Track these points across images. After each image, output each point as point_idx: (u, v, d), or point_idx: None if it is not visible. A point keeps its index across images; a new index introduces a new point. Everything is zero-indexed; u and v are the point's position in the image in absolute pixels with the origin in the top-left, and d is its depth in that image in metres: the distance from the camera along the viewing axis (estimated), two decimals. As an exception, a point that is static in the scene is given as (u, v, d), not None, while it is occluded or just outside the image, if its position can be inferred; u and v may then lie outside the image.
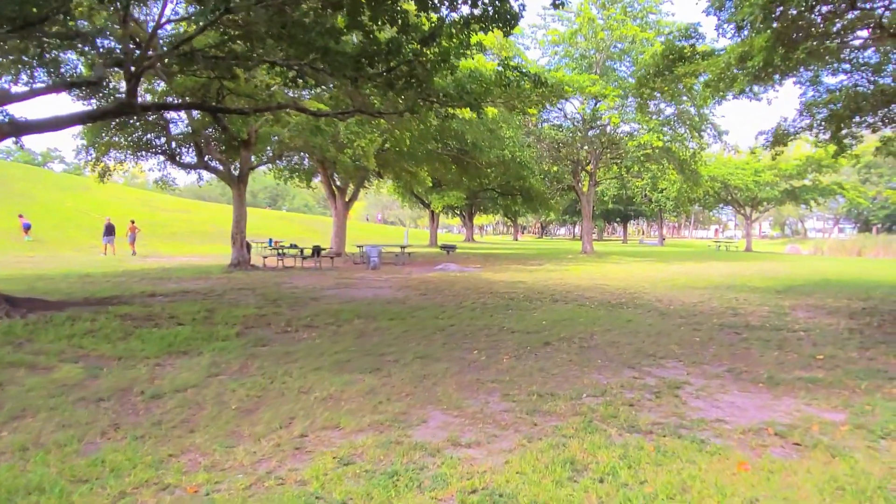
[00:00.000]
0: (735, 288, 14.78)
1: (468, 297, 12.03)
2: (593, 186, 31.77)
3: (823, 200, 43.75)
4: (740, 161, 41.65)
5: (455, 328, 8.26)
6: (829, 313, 10.38)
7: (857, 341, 7.68)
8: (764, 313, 10.32)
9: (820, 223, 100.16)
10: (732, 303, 11.78)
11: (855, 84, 11.92)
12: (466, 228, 58.82)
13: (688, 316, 9.93)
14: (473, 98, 11.17)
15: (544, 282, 15.77)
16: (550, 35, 28.75)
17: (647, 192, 46.65)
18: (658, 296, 12.95)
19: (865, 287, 15.09)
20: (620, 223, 79.32)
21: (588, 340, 7.50)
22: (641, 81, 13.54)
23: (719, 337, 7.97)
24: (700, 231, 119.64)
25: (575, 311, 10.21)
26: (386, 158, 27.51)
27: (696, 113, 27.83)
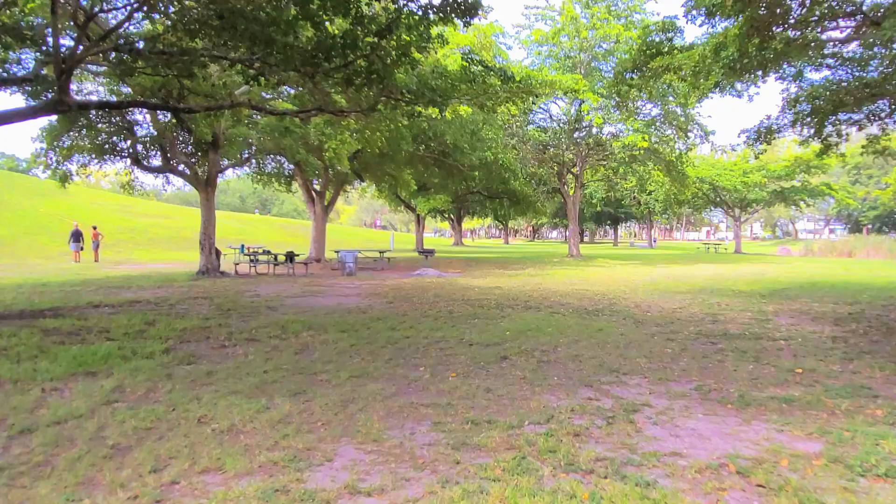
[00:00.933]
0: (718, 292, 14.23)
1: (436, 304, 11.42)
2: (579, 189, 31.24)
3: (813, 201, 43.38)
4: (728, 163, 41.27)
5: (409, 340, 7.64)
6: (814, 319, 9.83)
7: (841, 351, 7.11)
8: (745, 320, 9.76)
9: (811, 224, 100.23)
10: (713, 308, 11.22)
11: (839, 80, 11.42)
12: (455, 232, 58.20)
13: (664, 324, 9.35)
14: (438, 95, 10.58)
15: (522, 287, 15.18)
16: (534, 35, 28.22)
17: (636, 195, 46.19)
18: (637, 301, 12.38)
19: (853, 290, 14.57)
20: (611, 226, 78.85)
21: (550, 354, 6.89)
22: (619, 78, 13.00)
23: (693, 347, 7.39)
24: (692, 233, 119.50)
25: (545, 319, 9.61)
26: (366, 161, 26.99)
27: (682, 113, 27.37)
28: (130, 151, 17.85)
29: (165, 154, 17.28)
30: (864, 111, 12.94)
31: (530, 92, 11.82)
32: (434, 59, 11.84)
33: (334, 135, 15.59)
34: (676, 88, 15.85)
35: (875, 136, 13.64)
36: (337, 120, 14.29)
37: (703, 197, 41.85)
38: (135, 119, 17.74)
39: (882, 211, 63.67)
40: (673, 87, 14.84)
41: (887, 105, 12.78)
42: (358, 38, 9.12)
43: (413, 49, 9.63)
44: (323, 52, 9.50)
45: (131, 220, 38.17)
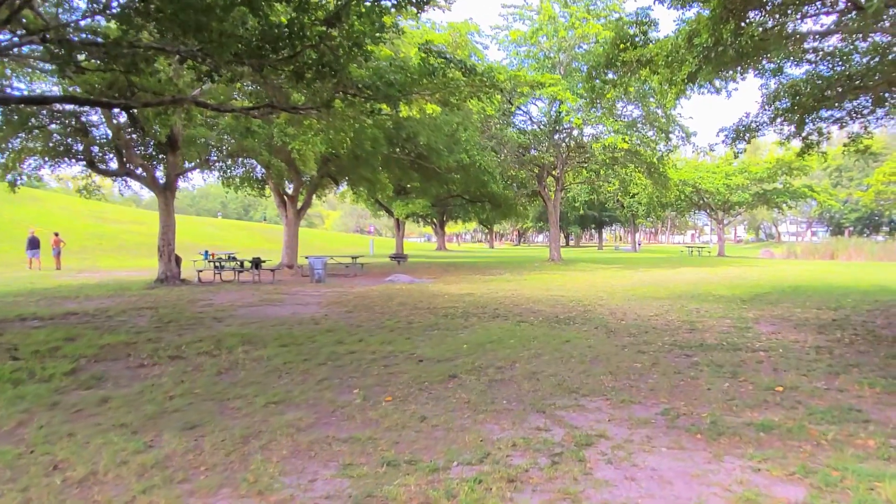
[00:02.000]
0: (698, 297, 13.63)
1: (397, 314, 10.69)
2: (560, 192, 30.65)
3: (795, 204, 43.16)
4: (711, 165, 40.98)
5: (353, 356, 6.90)
6: (796, 326, 9.21)
7: (826, 364, 6.47)
8: (724, 328, 9.12)
9: (794, 227, 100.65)
10: (692, 315, 10.58)
11: (821, 74, 10.87)
12: (438, 237, 57.48)
13: (637, 333, 8.69)
14: (397, 90, 9.86)
15: (495, 294, 14.49)
16: (512, 35, 27.64)
17: (619, 198, 45.74)
18: (613, 308, 11.73)
19: (836, 294, 14.03)
20: (596, 229, 78.53)
21: (505, 371, 6.18)
22: (592, 74, 12.37)
23: (666, 361, 6.71)
24: (677, 236, 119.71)
25: (510, 330, 8.92)
26: (341, 165, 26.24)
27: (664, 115, 26.89)
28: (85, 154, 16.94)
29: (121, 156, 16.40)
30: (847, 108, 12.44)
31: (494, 86, 11.13)
32: (395, 53, 11.11)
33: (298, 135, 14.81)
34: (653, 86, 15.25)
35: (857, 135, 13.12)
36: (299, 119, 13.52)
37: (686, 200, 41.48)
38: (90, 120, 16.87)
39: (863, 213, 63.87)
40: (651, 85, 14.21)
41: (870, 102, 12.28)
42: (305, 27, 8.40)
43: (367, 40, 8.92)
44: (269, 42, 8.79)
45: (102, 226, 37.04)
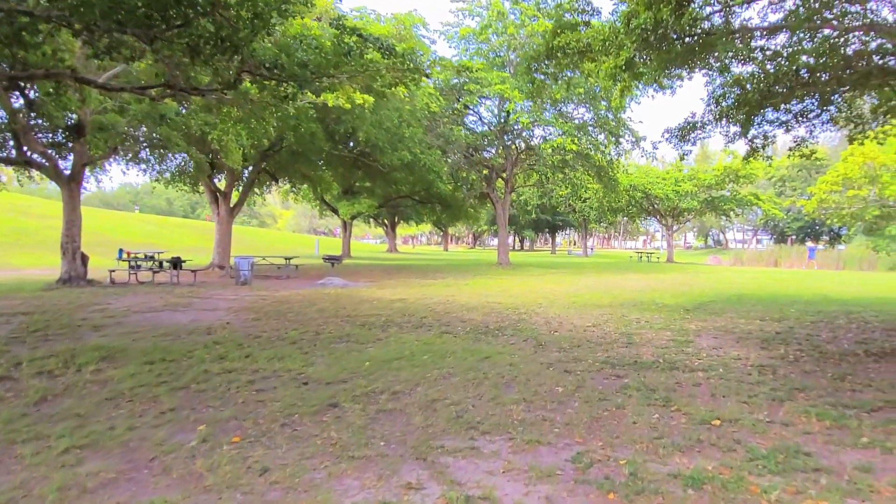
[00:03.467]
0: (641, 305, 12.94)
1: (309, 323, 9.58)
2: (509, 194, 29.93)
3: (741, 211, 43.68)
4: (661, 171, 41.09)
5: (227, 377, 5.78)
6: (739, 340, 8.51)
7: (769, 388, 5.69)
8: (663, 341, 8.35)
9: (741, 234, 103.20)
10: (632, 326, 9.82)
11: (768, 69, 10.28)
12: (389, 238, 56.25)
13: (569, 348, 7.83)
14: (311, 72, 8.77)
15: (428, 300, 13.51)
16: (461, 32, 26.79)
17: (571, 202, 45.51)
18: (550, 317, 10.90)
19: (780, 304, 13.56)
20: (550, 234, 78.55)
21: (401, 397, 5.19)
22: (530, 66, 11.55)
23: (592, 384, 5.84)
24: (630, 242, 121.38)
25: (428, 343, 7.94)
26: (279, 161, 24.92)
27: (614, 118, 26.47)
28: (-21, 139, 15.23)
29: (19, 143, 14.75)
30: (793, 109, 11.95)
31: (417, 70, 10.16)
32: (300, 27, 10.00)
33: (217, 124, 13.52)
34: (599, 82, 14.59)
35: (802, 139, 12.68)
36: (215, 106, 12.25)
37: (636, 205, 41.47)
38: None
39: (805, 222, 65.58)
40: (597, 81, 13.53)
41: (815, 105, 11.82)
42: (195, -9, 7.26)
43: (270, 12, 7.82)
44: (158, 9, 7.61)
45: (22, 220, 34.53)
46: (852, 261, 43.66)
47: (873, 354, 7.40)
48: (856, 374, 6.28)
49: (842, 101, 12.05)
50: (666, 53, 11.33)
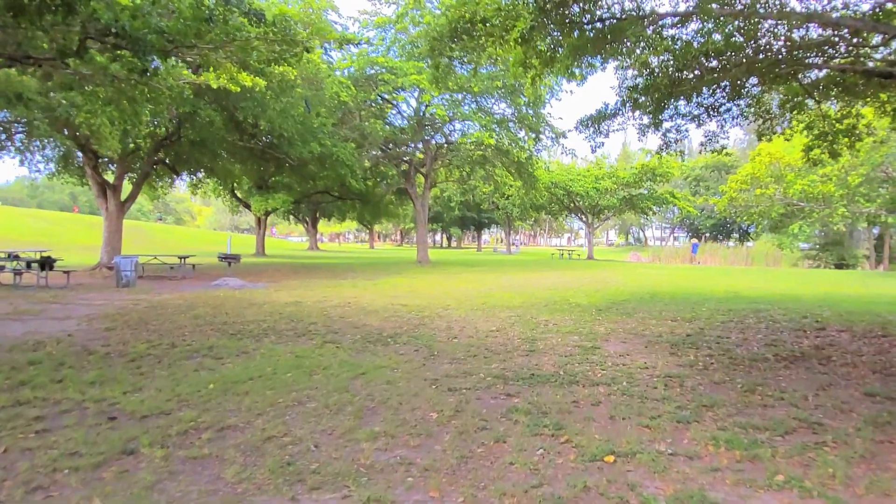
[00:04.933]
0: (553, 306, 12.29)
1: (172, 333, 8.27)
2: (428, 190, 29.01)
3: (659, 209, 44.67)
4: (582, 169, 41.34)
5: (13, 412, 4.50)
6: (648, 345, 7.89)
7: (675, 405, 4.97)
8: (568, 348, 7.60)
9: (659, 232, 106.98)
10: (538, 330, 9.06)
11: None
12: (310, 236, 54.21)
13: (463, 358, 6.94)
14: (168, 40, 7.47)
15: (327, 303, 12.38)
16: (378, 21, 25.57)
17: (494, 199, 45.18)
18: (453, 320, 10.03)
19: (692, 302, 13.28)
20: (476, 231, 78.39)
21: (227, 437, 4.10)
22: (433, 45, 10.61)
23: (477, 406, 4.94)
24: (554, 239, 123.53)
25: (302, 356, 6.85)
26: (179, 152, 22.97)
27: (533, 113, 26.02)
28: None
29: None
30: (705, 102, 11.59)
31: (295, 43, 9.02)
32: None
33: (84, 106, 11.82)
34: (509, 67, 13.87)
35: (714, 134, 12.41)
36: (77, 83, 10.61)
37: (558, 202, 41.55)
38: None
39: (717, 220, 68.36)
40: (507, 65, 12.79)
41: (725, 98, 11.51)
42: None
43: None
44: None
45: None
46: (759, 257, 45.65)
47: (783, 359, 6.91)
48: (766, 385, 5.69)
49: (751, 98, 11.87)
50: (576, 40, 10.69)
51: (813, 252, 45.54)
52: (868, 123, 12.27)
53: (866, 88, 10.65)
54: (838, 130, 11.51)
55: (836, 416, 4.73)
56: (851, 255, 43.86)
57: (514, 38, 7.20)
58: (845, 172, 28.34)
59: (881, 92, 10.77)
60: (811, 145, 12.03)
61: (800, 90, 11.09)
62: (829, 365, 6.61)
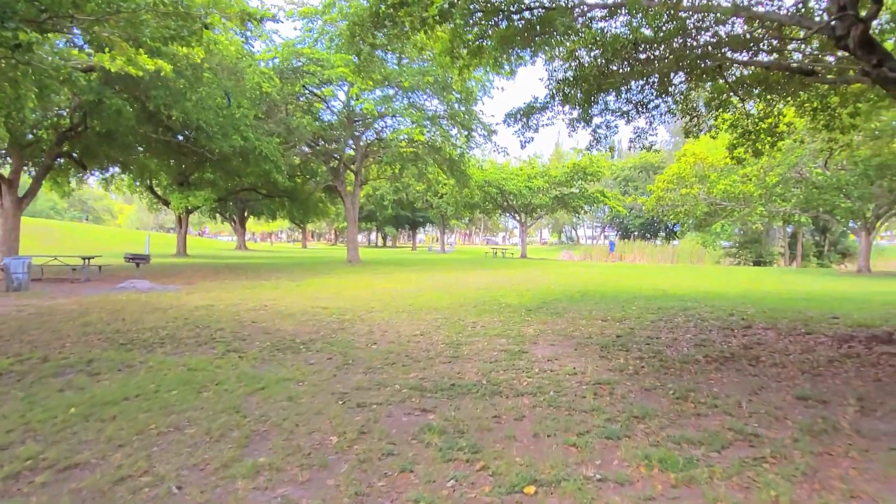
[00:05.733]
0: (482, 306, 11.85)
1: (50, 344, 7.27)
2: (359, 187, 28.16)
3: (590, 208, 45.36)
4: (515, 168, 41.42)
5: None
6: (578, 347, 7.52)
7: (604, 418, 4.54)
8: (494, 352, 7.12)
9: (591, 231, 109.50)
10: (465, 333, 8.56)
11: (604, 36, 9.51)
12: (237, 235, 52.07)
13: (380, 366, 6.33)
14: (40, 9, 6.48)
15: (242, 306, 11.49)
16: (305, 11, 24.51)
17: (428, 198, 44.66)
18: (375, 324, 9.40)
19: (622, 300, 13.15)
20: (411, 230, 77.69)
21: (68, 478, 3.34)
22: (354, 31, 9.94)
23: (386, 425, 4.35)
24: (490, 238, 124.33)
25: (195, 369, 6.06)
26: (86, 144, 21.25)
27: (465, 110, 25.64)
28: None
29: None
30: (633, 98, 11.43)
31: (191, 18, 8.14)
32: None
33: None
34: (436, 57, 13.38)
35: (642, 130, 12.29)
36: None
37: (491, 201, 41.48)
38: None
39: (645, 219, 70.43)
40: (422, 50, 12.24)
41: (654, 93, 11.38)
42: None
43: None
44: None
45: None
46: (684, 255, 47.15)
47: (714, 360, 6.66)
48: (699, 390, 5.37)
49: (678, 95, 11.82)
50: (504, 31, 10.27)
51: (733, 250, 47.42)
52: (789, 123, 12.46)
53: (788, 87, 10.75)
54: (761, 129, 11.60)
55: (772, 424, 4.42)
56: (768, 253, 45.92)
57: (432, 16, 6.63)
58: (764, 173, 29.44)
59: (802, 91, 10.90)
60: (735, 144, 12.08)
61: (725, 88, 11.09)
62: (759, 366, 6.39)
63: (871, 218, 28.92)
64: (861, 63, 7.04)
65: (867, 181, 25.95)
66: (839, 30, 7.15)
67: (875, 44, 7.12)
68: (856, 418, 4.57)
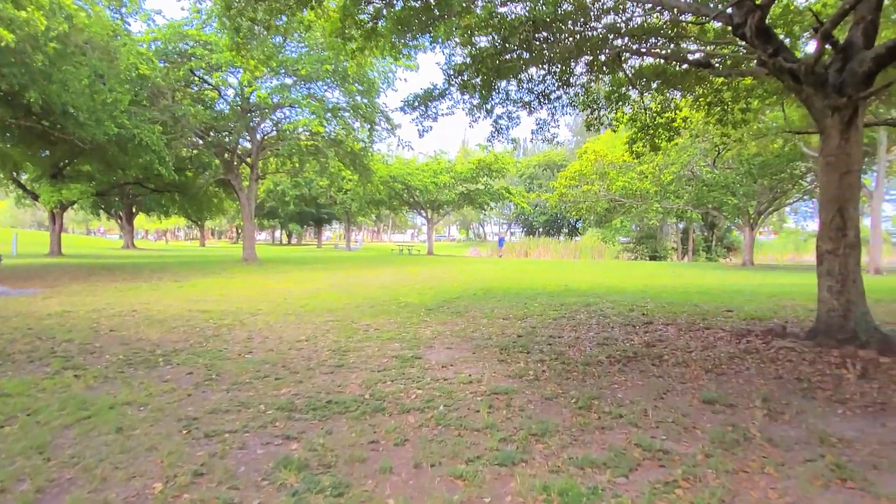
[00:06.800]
0: (379, 306, 11.09)
1: None
2: (255, 182, 26.51)
3: (496, 204, 45.60)
4: (420, 163, 40.84)
5: None
6: (476, 350, 6.93)
7: (499, 438, 3.92)
8: (384, 360, 6.39)
9: (497, 227, 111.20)
10: (355, 337, 7.77)
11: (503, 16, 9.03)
12: (124, 233, 48.17)
13: (248, 381, 5.44)
14: None
15: (106, 311, 10.10)
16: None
17: (332, 193, 43.15)
18: (258, 329, 8.42)
19: (525, 297, 12.82)
20: (316, 227, 75.30)
21: None
22: (229, 3, 8.89)
23: (231, 461, 3.52)
24: (398, 235, 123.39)
25: (15, 392, 4.93)
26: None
27: (368, 102, 24.67)
28: None
29: None
30: (536, 89, 11.08)
31: None
32: None
33: None
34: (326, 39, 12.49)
35: (544, 122, 12.00)
36: None
37: (397, 197, 40.66)
38: None
39: (550, 216, 72.18)
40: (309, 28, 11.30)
41: (556, 84, 11.09)
42: None
43: None
44: None
45: None
46: (586, 250, 48.56)
47: (617, 361, 6.27)
48: (602, 397, 4.90)
49: (580, 87, 11.61)
50: (400, 11, 9.64)
51: (631, 245, 49.37)
52: (685, 118, 12.57)
53: (685, 81, 10.75)
54: (659, 123, 11.58)
55: (681, 436, 3.97)
56: (662, 248, 48.17)
57: None
58: (659, 171, 30.56)
59: (698, 86, 10.94)
60: (634, 138, 12.02)
61: (624, 80, 10.95)
62: (663, 366, 6.06)
63: (754, 214, 30.73)
64: (758, 52, 6.90)
65: (751, 179, 27.49)
66: (737, 17, 6.99)
67: (771, 33, 7.00)
68: (765, 424, 4.23)
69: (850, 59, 6.57)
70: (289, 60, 22.17)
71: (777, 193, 29.63)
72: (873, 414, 4.51)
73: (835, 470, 3.40)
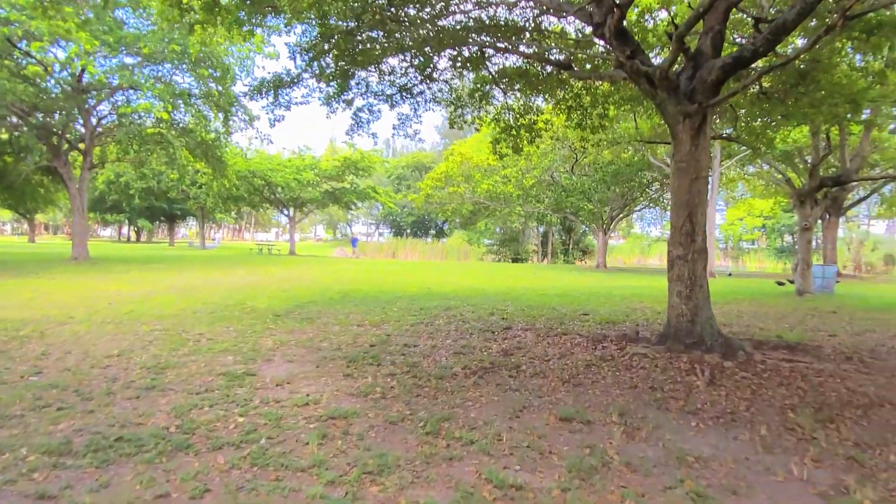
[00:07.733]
0: (220, 312, 9.90)
1: None
2: (87, 171, 23.50)
3: (362, 204, 44.63)
4: (284, 159, 38.86)
5: None
6: (321, 363, 6.16)
7: (325, 481, 3.22)
8: (208, 379, 5.43)
9: (365, 227, 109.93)
10: (181, 350, 6.67)
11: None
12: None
13: (20, 413, 4.29)
14: None
15: None
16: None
17: (184, 187, 39.74)
18: (59, 342, 7.02)
19: (384, 301, 12.19)
20: (167, 223, 69.51)
21: None
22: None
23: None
24: (261, 234, 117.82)
25: None
26: None
27: (221, 89, 22.77)
28: None
29: None
30: (398, 82, 10.55)
31: None
32: None
33: None
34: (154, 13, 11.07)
35: (407, 117, 11.57)
36: None
37: (257, 193, 38.35)
38: None
39: (417, 217, 72.45)
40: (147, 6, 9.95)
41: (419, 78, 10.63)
42: None
43: None
44: None
45: None
46: (452, 252, 49.10)
47: (473, 373, 5.81)
48: (454, 417, 4.38)
49: (443, 82, 11.27)
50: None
51: (495, 247, 50.65)
52: (547, 120, 12.65)
53: (547, 83, 10.71)
54: (521, 125, 11.49)
55: (536, 465, 3.52)
56: (524, 250, 49.91)
57: None
58: (522, 175, 31.40)
59: (559, 89, 10.96)
60: (497, 139, 11.87)
61: (488, 79, 10.73)
62: (520, 377, 5.69)
63: (607, 220, 32.55)
64: (616, 53, 6.80)
65: (605, 186, 29.00)
66: (597, 16, 6.84)
67: (628, 35, 6.94)
68: (623, 443, 3.91)
69: (700, 67, 6.66)
70: (129, 37, 19.81)
71: (627, 200, 31.58)
72: (725, 426, 4.39)
73: (695, 500, 3.09)
